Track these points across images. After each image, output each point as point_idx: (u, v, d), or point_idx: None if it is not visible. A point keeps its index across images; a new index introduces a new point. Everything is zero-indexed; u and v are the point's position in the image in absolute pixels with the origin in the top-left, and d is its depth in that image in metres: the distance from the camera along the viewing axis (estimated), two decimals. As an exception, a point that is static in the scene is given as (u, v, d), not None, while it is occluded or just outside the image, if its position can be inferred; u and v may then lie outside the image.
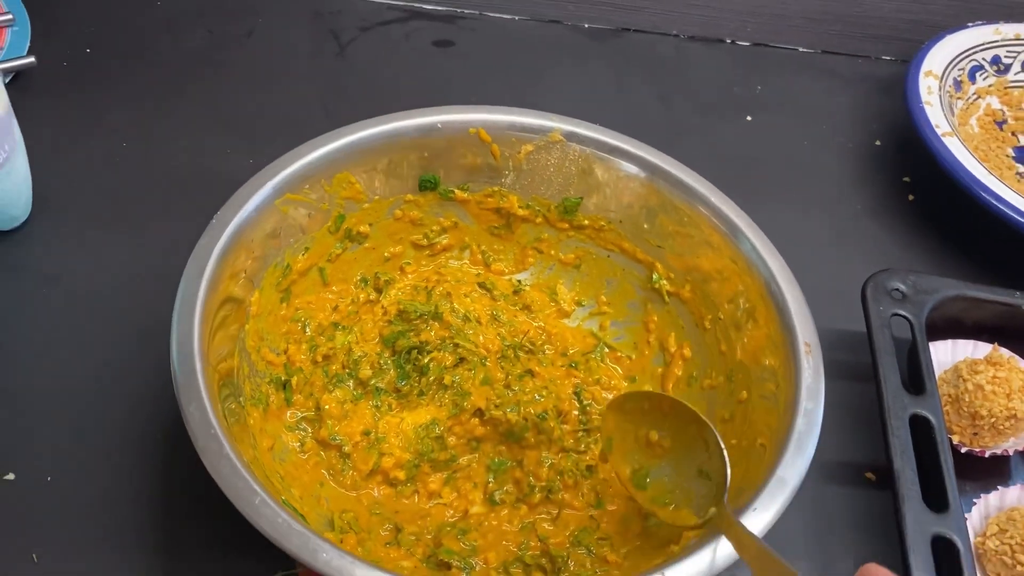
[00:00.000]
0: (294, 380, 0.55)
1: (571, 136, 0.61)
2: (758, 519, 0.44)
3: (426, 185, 0.61)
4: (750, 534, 0.43)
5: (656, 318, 0.61)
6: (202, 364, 0.46)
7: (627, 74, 0.87)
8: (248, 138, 0.75)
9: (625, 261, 0.62)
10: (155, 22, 0.84)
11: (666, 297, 0.61)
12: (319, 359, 0.57)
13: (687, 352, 0.59)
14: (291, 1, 0.88)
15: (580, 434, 0.55)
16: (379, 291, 0.61)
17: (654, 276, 0.61)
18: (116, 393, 0.58)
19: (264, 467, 0.48)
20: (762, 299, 0.54)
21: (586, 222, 0.62)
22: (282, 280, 0.56)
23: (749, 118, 0.84)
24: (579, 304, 0.64)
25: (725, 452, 0.48)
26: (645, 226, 0.61)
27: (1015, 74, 0.85)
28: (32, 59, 0.75)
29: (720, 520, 0.45)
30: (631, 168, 0.60)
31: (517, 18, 0.91)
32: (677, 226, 0.59)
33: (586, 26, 0.91)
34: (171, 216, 0.67)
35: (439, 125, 0.60)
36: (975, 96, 0.83)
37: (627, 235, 0.61)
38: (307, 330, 0.58)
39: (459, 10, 0.90)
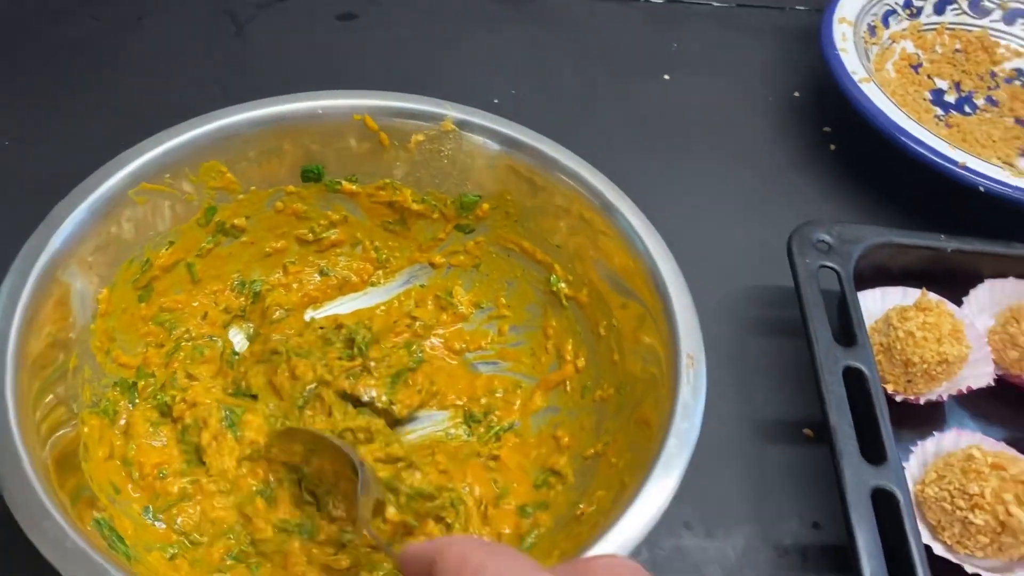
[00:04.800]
0: (140, 383, 0.52)
1: (464, 125, 0.56)
2: (607, 548, 0.40)
3: (309, 176, 0.57)
4: (387, 551, 0.41)
5: (555, 323, 0.57)
6: (14, 367, 0.42)
7: (540, 39, 0.85)
8: (146, 129, 0.69)
9: (525, 261, 0.58)
10: (36, 13, 0.79)
11: (564, 301, 0.57)
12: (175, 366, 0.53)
13: (581, 362, 0.55)
14: (182, -18, 0.84)
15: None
16: (255, 298, 0.58)
17: (552, 278, 0.57)
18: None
19: (98, 480, 0.45)
20: (652, 297, 0.50)
21: (485, 220, 0.58)
22: (140, 276, 0.52)
23: (667, 76, 0.83)
24: (478, 307, 0.60)
25: (361, 466, 0.46)
26: (542, 224, 0.57)
27: (927, 17, 0.84)
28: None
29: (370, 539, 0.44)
30: (520, 157, 0.56)
31: (423, -13, 0.87)
32: (573, 222, 0.55)
33: (495, -9, 0.89)
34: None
35: (320, 111, 0.55)
36: (890, 41, 0.82)
37: (525, 233, 0.58)
38: (173, 333, 0.54)
39: (362, -19, 0.87)
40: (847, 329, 0.57)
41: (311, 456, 0.49)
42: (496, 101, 0.77)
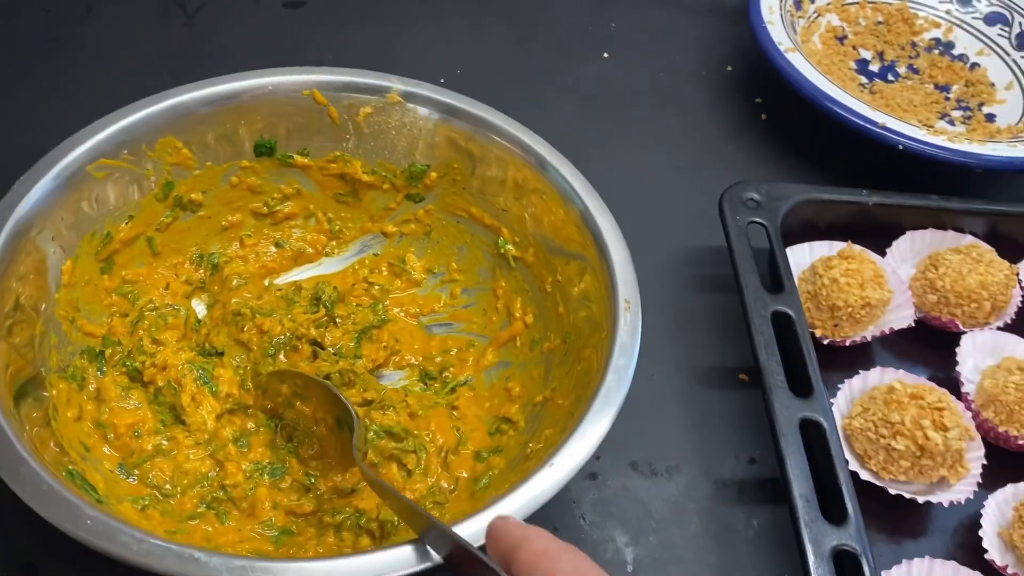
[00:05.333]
0: (108, 351, 0.54)
1: (409, 96, 0.59)
2: (552, 474, 0.43)
3: (262, 150, 0.59)
4: (377, 480, 0.44)
5: (504, 284, 0.60)
6: None
7: (483, 21, 0.88)
8: (100, 113, 0.72)
9: (474, 227, 0.61)
10: (-13, 6, 0.81)
11: (512, 262, 0.60)
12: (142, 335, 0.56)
13: (529, 318, 0.58)
14: (130, -27, 0.85)
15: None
16: (213, 271, 0.60)
17: (500, 240, 0.60)
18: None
19: (68, 438, 0.47)
20: (589, 254, 0.54)
21: (434, 188, 0.61)
22: (101, 249, 0.55)
23: (606, 55, 0.86)
24: (430, 272, 0.63)
25: (349, 404, 0.49)
26: (482, 185, 0.60)
27: (850, -9, 0.89)
28: None
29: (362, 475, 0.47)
30: (468, 128, 0.59)
31: (368, -26, 0.90)
32: (503, 175, 0.58)
33: (439, -23, 0.91)
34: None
35: (269, 87, 0.58)
36: (815, 15, 0.86)
37: (473, 200, 0.60)
38: (136, 304, 0.56)
39: (308, -30, 0.89)
40: (776, 279, 0.61)
41: (294, 400, 0.52)
42: (442, 80, 0.79)
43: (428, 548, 0.39)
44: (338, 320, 0.58)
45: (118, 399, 0.52)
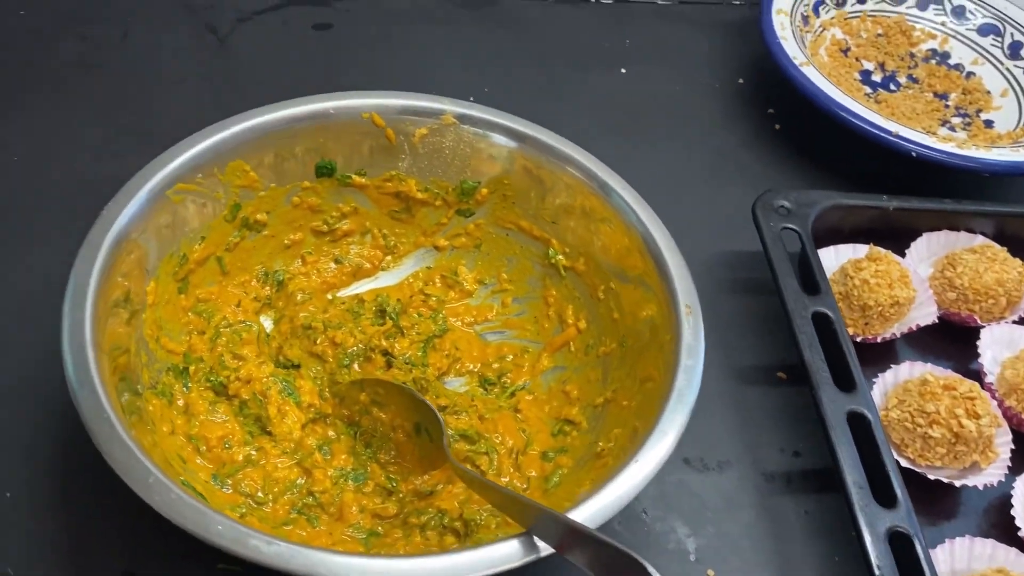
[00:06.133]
0: (192, 368, 0.56)
1: (463, 118, 0.62)
2: (639, 469, 0.46)
3: (323, 171, 0.62)
4: (480, 478, 0.47)
5: (554, 292, 0.63)
6: (95, 353, 0.46)
7: (503, 40, 0.91)
8: (145, 139, 0.73)
9: (523, 239, 0.64)
10: (21, 31, 0.82)
11: (563, 271, 0.63)
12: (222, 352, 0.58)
13: (582, 324, 0.62)
14: (161, 0, 0.88)
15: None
16: (279, 287, 0.62)
17: (550, 251, 0.63)
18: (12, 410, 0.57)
19: (165, 451, 0.50)
20: (643, 260, 0.57)
21: (484, 203, 0.64)
22: (179, 270, 0.57)
23: (623, 70, 0.90)
24: (481, 283, 0.66)
25: (435, 409, 0.53)
26: (538, 202, 0.63)
27: (851, 6, 0.93)
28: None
29: (454, 471, 0.50)
30: (508, 142, 0.62)
31: (389, -4, 0.93)
32: (565, 199, 0.62)
33: (457, -3, 0.95)
34: (80, 221, 0.67)
35: (331, 111, 0.61)
36: (821, 28, 0.91)
37: (523, 214, 0.64)
38: (211, 322, 0.59)
39: (332, -8, 0.92)
40: (810, 281, 0.65)
41: (371, 407, 0.55)
42: (472, 98, 0.82)
43: (536, 539, 0.42)
44: (404, 330, 0.61)
45: (206, 413, 0.54)
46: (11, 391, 0.58)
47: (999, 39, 0.91)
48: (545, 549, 0.42)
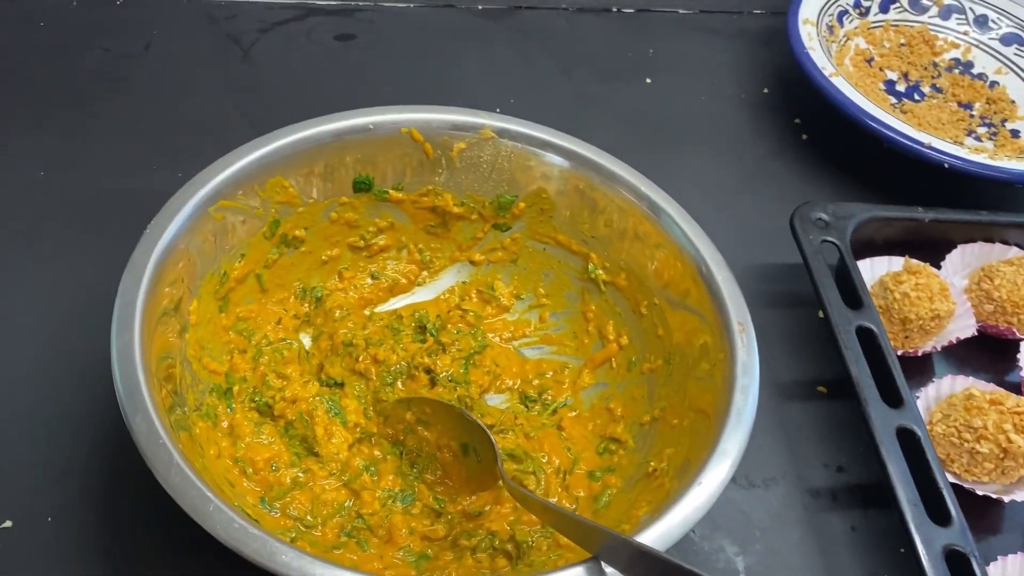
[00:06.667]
0: (235, 388, 0.56)
1: (502, 132, 0.61)
2: (703, 492, 0.46)
3: (360, 186, 0.61)
4: (542, 500, 0.46)
5: (594, 307, 0.63)
6: (145, 376, 0.45)
7: (527, 50, 0.91)
8: (171, 152, 0.74)
9: (561, 253, 0.64)
10: (44, 46, 0.81)
11: (602, 287, 0.62)
12: (265, 371, 0.57)
13: (624, 340, 0.61)
14: (182, 11, 0.87)
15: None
16: (317, 304, 0.62)
17: (589, 266, 0.62)
18: (57, 419, 0.57)
19: (214, 475, 0.49)
20: (694, 283, 0.56)
21: (521, 217, 0.63)
22: (219, 288, 0.56)
23: (648, 80, 0.89)
24: (518, 298, 0.65)
25: (487, 429, 0.52)
26: (577, 217, 0.62)
27: (874, 15, 0.93)
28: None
29: (511, 493, 0.49)
30: (560, 161, 0.61)
31: (412, 6, 0.92)
32: (607, 215, 0.61)
33: (480, 7, 0.94)
34: (107, 237, 0.66)
35: (371, 126, 0.60)
36: (845, 38, 0.90)
37: (560, 227, 0.63)
38: (252, 340, 0.58)
39: (354, 3, 0.91)
40: (851, 294, 0.65)
41: (416, 426, 0.54)
42: (498, 110, 0.82)
43: (603, 565, 0.42)
44: (446, 347, 0.60)
45: (252, 435, 0.54)
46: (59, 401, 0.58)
47: (1022, 48, 0.91)
48: (613, 575, 0.42)
